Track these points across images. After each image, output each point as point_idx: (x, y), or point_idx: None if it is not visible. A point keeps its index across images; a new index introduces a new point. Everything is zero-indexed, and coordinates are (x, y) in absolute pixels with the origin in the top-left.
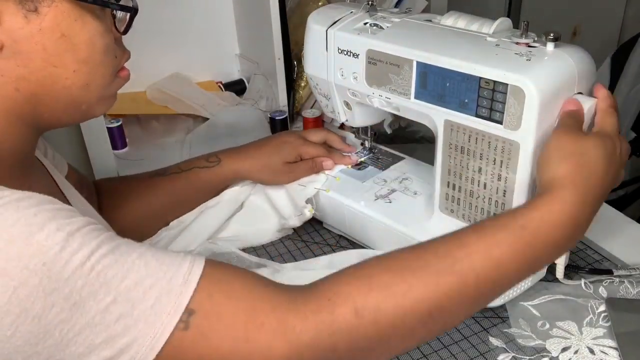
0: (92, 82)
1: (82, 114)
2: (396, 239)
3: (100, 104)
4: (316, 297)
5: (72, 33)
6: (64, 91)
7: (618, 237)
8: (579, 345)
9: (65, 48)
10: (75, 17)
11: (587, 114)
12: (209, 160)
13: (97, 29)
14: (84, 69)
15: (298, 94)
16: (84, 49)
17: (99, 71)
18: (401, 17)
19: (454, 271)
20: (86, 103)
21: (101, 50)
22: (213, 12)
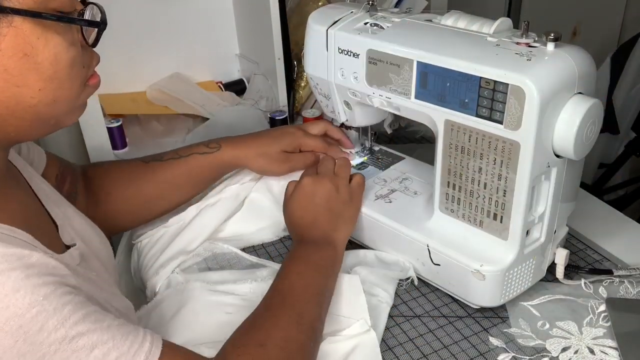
0: (60, 97)
1: (52, 127)
2: (396, 239)
3: (69, 116)
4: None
5: (34, 52)
6: (29, 109)
7: (618, 237)
8: (579, 345)
9: (28, 67)
10: (37, 36)
11: (587, 114)
12: (209, 146)
13: (61, 44)
14: (50, 86)
15: (298, 94)
16: (49, 66)
17: (66, 85)
18: (401, 17)
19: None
20: (54, 117)
21: (67, 65)
22: (213, 12)
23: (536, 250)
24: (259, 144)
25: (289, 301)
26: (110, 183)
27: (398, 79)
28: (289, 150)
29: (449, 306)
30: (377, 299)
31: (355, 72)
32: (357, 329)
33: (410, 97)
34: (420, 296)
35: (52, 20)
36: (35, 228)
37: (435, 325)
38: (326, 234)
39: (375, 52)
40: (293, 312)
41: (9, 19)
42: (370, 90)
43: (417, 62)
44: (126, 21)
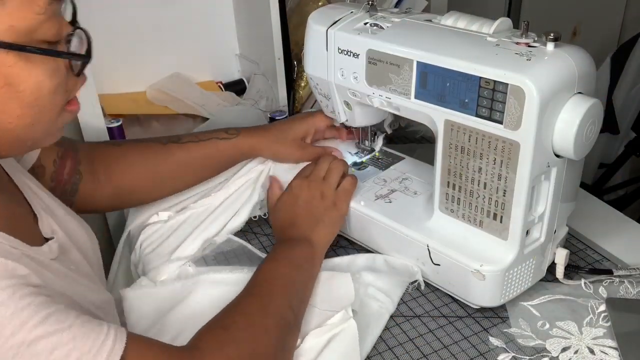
0: (38, 122)
1: (28, 147)
2: (396, 239)
3: (46, 138)
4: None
5: (17, 81)
6: (6, 133)
7: (618, 237)
8: (579, 345)
9: (10, 96)
10: (20, 67)
11: (587, 114)
12: (228, 132)
13: (44, 73)
14: (29, 112)
15: (298, 94)
16: (30, 95)
17: (46, 111)
18: (401, 17)
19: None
20: (31, 140)
21: (49, 93)
22: (213, 12)
23: (536, 250)
24: (275, 131)
25: (256, 292)
26: (126, 164)
27: (398, 79)
28: (303, 135)
29: (449, 306)
30: (379, 304)
31: (355, 72)
32: (338, 318)
33: (410, 97)
34: (420, 296)
35: (37, 54)
36: (11, 219)
37: (435, 325)
38: (304, 234)
39: (375, 52)
40: (258, 300)
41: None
42: (370, 90)
43: (417, 62)
44: (126, 21)
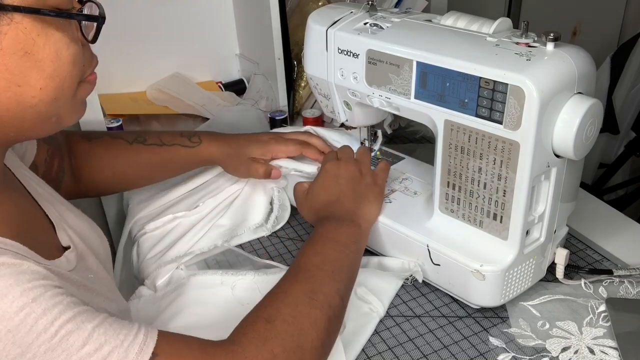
0: (60, 95)
1: (53, 125)
2: (396, 239)
3: (70, 115)
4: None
5: (35, 49)
6: (30, 109)
7: (618, 237)
8: (579, 345)
9: (30, 66)
10: (37, 32)
11: (587, 114)
12: (191, 140)
13: (62, 40)
14: (52, 84)
15: (298, 94)
16: (50, 64)
17: (67, 84)
18: (401, 17)
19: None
20: (55, 116)
21: (68, 62)
22: (213, 12)
23: (536, 250)
24: (233, 146)
25: (302, 277)
26: (95, 162)
27: (398, 79)
28: (257, 157)
29: (449, 306)
30: (369, 307)
31: (355, 72)
32: None
33: (410, 97)
34: (420, 296)
35: (51, 16)
36: (31, 234)
37: (435, 325)
38: (349, 211)
39: (375, 52)
40: (305, 287)
41: (9, 17)
42: (370, 91)
43: (417, 62)
44: (126, 21)
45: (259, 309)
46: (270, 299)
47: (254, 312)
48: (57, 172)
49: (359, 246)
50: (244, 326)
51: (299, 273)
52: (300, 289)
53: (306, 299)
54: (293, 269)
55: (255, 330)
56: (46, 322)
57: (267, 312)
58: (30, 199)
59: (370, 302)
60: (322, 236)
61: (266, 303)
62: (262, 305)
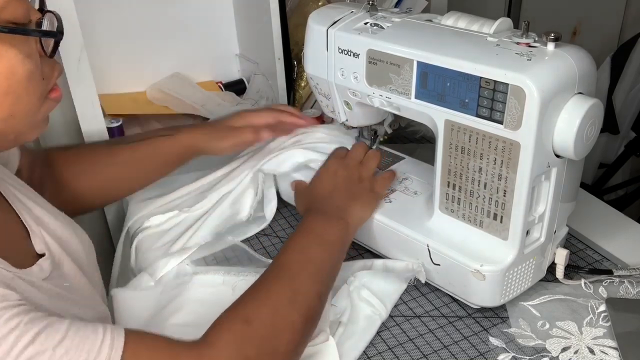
0: (17, 112)
1: (11, 142)
2: (396, 238)
3: (30, 131)
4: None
5: None
6: None
7: (618, 237)
8: (579, 345)
9: None
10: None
11: (587, 114)
12: (168, 130)
13: (16, 57)
14: (6, 101)
15: (298, 94)
16: (3, 80)
17: (24, 100)
18: (401, 17)
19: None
20: (13, 133)
21: (24, 78)
22: (213, 12)
23: (536, 250)
24: (211, 124)
25: (285, 275)
26: (75, 167)
27: (398, 78)
28: (236, 125)
29: (449, 306)
30: (372, 310)
31: (355, 72)
32: (319, 340)
33: (410, 97)
34: (420, 296)
35: (5, 32)
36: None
37: (435, 325)
38: (339, 208)
39: (375, 52)
40: (286, 288)
41: None
42: (370, 90)
43: (417, 62)
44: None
45: (238, 306)
46: (250, 297)
47: (233, 310)
48: (40, 179)
49: (344, 246)
50: (221, 325)
51: (282, 271)
52: (282, 289)
53: (286, 300)
54: (276, 265)
55: (232, 332)
56: (2, 353)
57: (246, 312)
58: (5, 205)
59: (373, 304)
60: (308, 230)
61: (246, 301)
62: (241, 303)
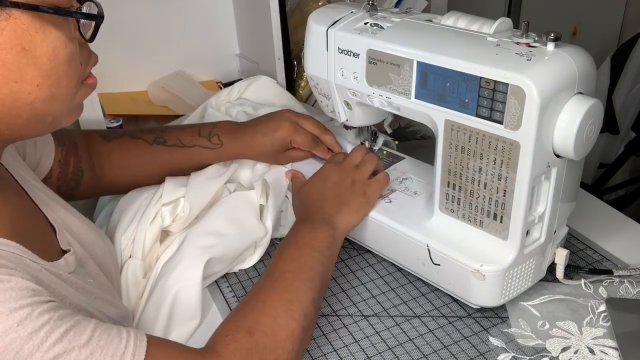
0: (57, 94)
1: (48, 125)
2: (396, 238)
3: (66, 115)
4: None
5: (32, 46)
6: (26, 107)
7: (618, 237)
8: (579, 345)
9: (27, 62)
10: (35, 29)
11: (587, 114)
12: (212, 142)
13: (59, 38)
14: (48, 81)
15: (298, 94)
16: (47, 61)
17: (64, 82)
18: (401, 17)
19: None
20: (51, 115)
21: (65, 61)
22: (213, 12)
23: (536, 250)
24: (254, 143)
25: (280, 286)
26: (116, 161)
27: (398, 79)
28: (281, 150)
29: (449, 306)
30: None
31: (355, 72)
32: None
33: (410, 97)
34: (420, 296)
35: (50, 13)
36: (30, 235)
37: (435, 325)
38: (327, 215)
39: (375, 52)
40: (283, 297)
41: (7, 12)
42: (370, 90)
43: (417, 62)
44: (126, 21)
45: (238, 317)
46: (248, 307)
47: (235, 321)
48: (74, 171)
49: (333, 251)
50: (226, 335)
51: (277, 281)
52: (278, 299)
53: (284, 309)
54: (270, 275)
55: (237, 342)
56: (32, 347)
57: (247, 323)
58: (30, 202)
59: None
60: (298, 240)
61: (246, 311)
62: (241, 313)
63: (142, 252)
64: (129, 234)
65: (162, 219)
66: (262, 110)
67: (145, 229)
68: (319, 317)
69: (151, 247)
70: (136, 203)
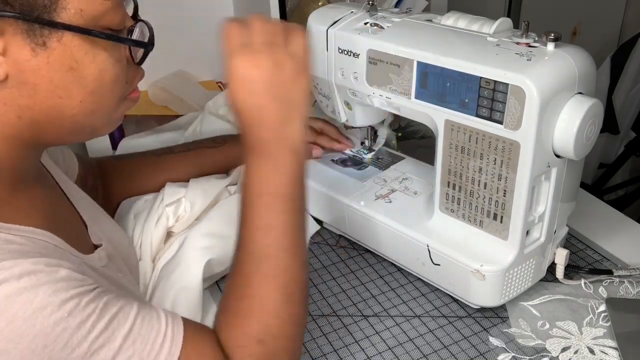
0: (99, 109)
1: (88, 135)
2: (396, 238)
3: (106, 127)
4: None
5: (81, 66)
6: (68, 119)
7: (618, 237)
8: (579, 345)
9: (73, 80)
10: (85, 51)
11: (587, 114)
12: (215, 142)
13: (107, 60)
14: (91, 98)
15: None
16: (92, 81)
17: (107, 99)
18: (401, 17)
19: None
20: (91, 127)
21: (110, 81)
22: (213, 12)
23: (536, 250)
24: None
25: (267, 269)
26: (126, 176)
27: (398, 79)
28: None
29: (449, 306)
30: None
31: (355, 72)
32: None
33: (410, 97)
34: (420, 296)
35: (102, 38)
36: (66, 228)
37: (435, 325)
38: (277, 133)
39: (375, 52)
40: (277, 283)
41: (59, 35)
42: (370, 90)
43: (417, 62)
44: None
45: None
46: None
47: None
48: (92, 189)
49: (303, 183)
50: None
51: (261, 262)
52: (273, 288)
53: (283, 300)
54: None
55: (252, 355)
56: (80, 337)
57: (255, 331)
58: (65, 198)
59: None
60: (263, 194)
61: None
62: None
63: (151, 253)
64: (136, 237)
65: (167, 219)
66: None
67: (152, 231)
68: (318, 317)
69: (158, 248)
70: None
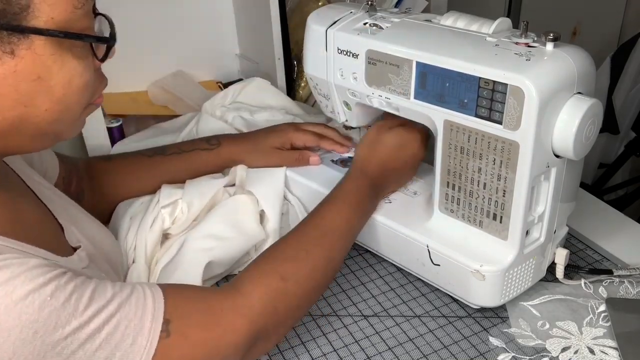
0: (64, 117)
1: (50, 142)
2: (396, 239)
3: (69, 131)
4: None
5: (49, 75)
6: (31, 126)
7: (618, 237)
8: (579, 345)
9: (40, 90)
10: (54, 60)
11: (587, 114)
12: (210, 143)
13: (76, 69)
14: (57, 107)
15: (298, 94)
16: (60, 90)
17: (73, 107)
18: (401, 17)
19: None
20: (54, 133)
21: (78, 90)
22: (213, 11)
23: (536, 250)
24: (252, 141)
25: (326, 243)
26: (116, 178)
27: (397, 79)
28: (278, 146)
29: (449, 306)
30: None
31: (354, 72)
32: None
33: (409, 98)
34: (420, 296)
35: (59, 37)
36: (35, 232)
37: (435, 325)
38: (389, 189)
39: (374, 53)
40: (326, 255)
41: (29, 42)
42: (369, 91)
43: (417, 62)
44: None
45: (276, 262)
46: (289, 255)
47: (269, 264)
48: (77, 190)
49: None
50: (256, 276)
51: (325, 236)
52: (322, 256)
53: (323, 266)
54: (317, 227)
55: (267, 286)
56: (67, 315)
57: (285, 270)
58: (38, 202)
59: None
60: (358, 201)
61: (285, 258)
62: (279, 259)
63: (145, 256)
64: (130, 240)
65: (162, 221)
66: (259, 114)
67: (146, 234)
68: (318, 317)
69: (153, 250)
70: (132, 209)
